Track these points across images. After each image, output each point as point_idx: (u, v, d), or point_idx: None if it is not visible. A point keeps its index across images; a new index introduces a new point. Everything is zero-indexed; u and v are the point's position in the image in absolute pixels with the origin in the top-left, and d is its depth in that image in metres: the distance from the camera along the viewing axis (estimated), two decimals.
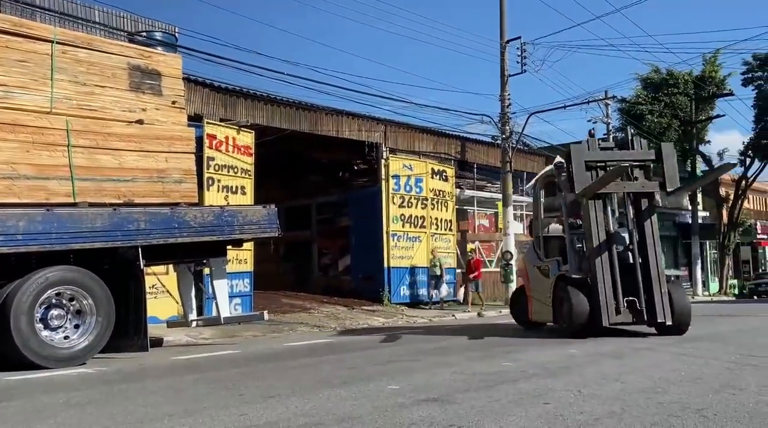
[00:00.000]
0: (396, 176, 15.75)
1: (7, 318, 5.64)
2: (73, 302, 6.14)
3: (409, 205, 16.04)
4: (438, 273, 15.26)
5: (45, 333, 5.90)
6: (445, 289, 15.29)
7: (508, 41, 17.11)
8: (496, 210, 18.68)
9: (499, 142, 17.46)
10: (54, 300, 6.01)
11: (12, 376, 5.34)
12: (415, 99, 26.88)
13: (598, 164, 7.94)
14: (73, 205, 6.23)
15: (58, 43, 6.41)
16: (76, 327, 6.15)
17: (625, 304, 7.36)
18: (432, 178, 16.59)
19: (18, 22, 6.48)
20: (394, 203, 15.71)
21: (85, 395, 4.35)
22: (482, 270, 15.50)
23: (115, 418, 3.51)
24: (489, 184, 19.12)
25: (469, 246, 17.79)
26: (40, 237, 5.86)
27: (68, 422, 3.45)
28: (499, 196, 17.60)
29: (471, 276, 15.07)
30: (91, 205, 6.34)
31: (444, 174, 16.98)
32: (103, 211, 6.33)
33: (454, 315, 13.64)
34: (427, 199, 16.42)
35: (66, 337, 6.07)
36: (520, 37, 17.28)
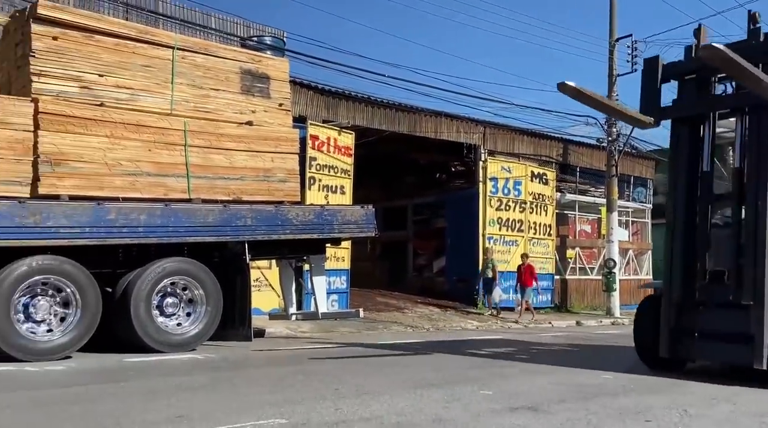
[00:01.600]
0: (494, 178, 15.50)
1: (128, 304, 6.13)
2: (186, 291, 6.57)
3: (507, 208, 15.72)
4: (490, 275, 13.99)
5: (160, 319, 6.36)
6: (498, 294, 13.96)
7: (617, 39, 16.29)
8: (599, 215, 17.86)
9: (604, 144, 16.69)
10: (169, 289, 6.45)
11: (129, 358, 5.80)
12: (515, 100, 26.25)
13: None
14: (188, 201, 6.66)
15: (178, 48, 6.87)
16: (188, 315, 6.58)
17: None
18: (531, 180, 16.17)
19: (144, 29, 7.03)
20: (491, 206, 15.46)
21: (196, 380, 4.64)
22: (571, 277, 14.65)
23: (222, 403, 3.71)
24: (592, 189, 18.32)
25: (520, 250, 16.34)
26: (159, 230, 6.31)
27: (180, 404, 3.69)
28: (603, 200, 16.82)
29: (524, 284, 13.66)
30: (204, 201, 6.74)
31: (544, 177, 16.49)
32: (215, 207, 6.72)
33: (551, 323, 13.22)
34: (525, 203, 16.02)
35: (179, 324, 6.51)
36: (631, 35, 16.40)
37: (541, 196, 16.35)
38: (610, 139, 16.21)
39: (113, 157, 6.21)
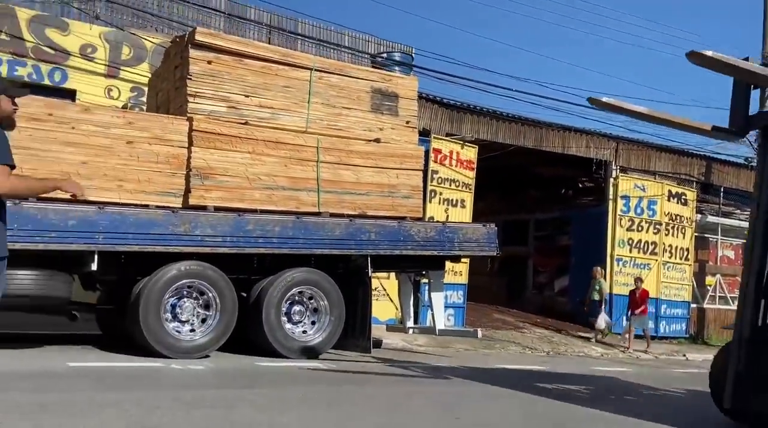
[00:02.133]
0: (625, 197, 14.67)
1: (260, 310, 6.54)
2: (312, 301, 6.90)
3: (639, 228, 14.80)
4: (597, 298, 12.66)
5: (288, 326, 6.72)
6: (603, 320, 12.52)
7: None
8: (744, 240, 16.27)
9: (753, 163, 15.20)
10: (297, 298, 6.81)
11: (259, 361, 6.19)
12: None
13: None
14: (317, 214, 6.98)
15: (315, 70, 7.24)
16: (313, 323, 6.89)
17: None
18: (668, 200, 15.10)
19: (285, 52, 7.49)
20: (621, 226, 14.64)
21: (320, 392, 4.86)
22: (709, 306, 13.29)
23: (343, 423, 3.86)
24: (738, 211, 16.75)
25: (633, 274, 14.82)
26: (290, 242, 6.69)
27: (306, 416, 3.89)
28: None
29: (637, 311, 12.36)
30: (332, 215, 7.04)
31: (683, 197, 15.34)
32: (341, 221, 7.00)
33: (685, 356, 12.25)
34: (660, 224, 15.00)
35: (304, 332, 6.84)
36: None
37: (678, 217, 15.22)
38: None
39: (254, 172, 6.67)
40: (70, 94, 9.88)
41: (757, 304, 4.40)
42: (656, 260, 14.89)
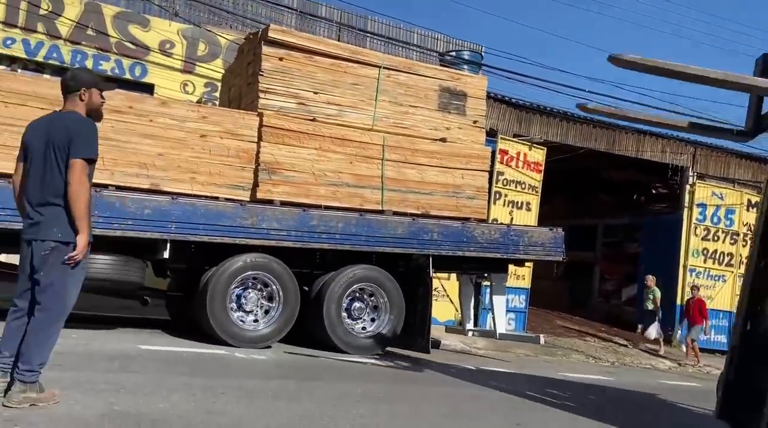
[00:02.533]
0: (702, 205, 13.96)
1: (321, 304, 6.62)
2: (372, 298, 6.92)
3: (716, 238, 14.06)
4: (650, 307, 11.87)
5: (348, 321, 6.76)
6: (655, 330, 11.67)
7: None
8: None
9: None
10: (357, 294, 6.84)
11: (320, 355, 6.26)
12: (732, 119, 23.33)
13: None
14: (380, 212, 6.98)
15: (384, 68, 7.24)
16: (372, 320, 6.91)
17: None
18: (747, 210, 14.25)
19: (355, 50, 7.52)
20: (696, 235, 13.94)
21: (380, 390, 4.86)
22: None
23: (401, 421, 3.84)
24: None
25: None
26: (353, 238, 6.72)
27: (365, 414, 3.90)
28: None
29: (691, 321, 11.52)
30: (395, 213, 7.02)
31: None
32: (404, 219, 6.97)
33: None
34: (738, 234, 14.18)
35: (363, 328, 6.87)
36: None
37: None
38: None
39: (319, 168, 6.74)
40: (149, 88, 10.32)
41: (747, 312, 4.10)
42: (732, 272, 14.10)
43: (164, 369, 4.72)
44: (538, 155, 12.39)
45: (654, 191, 16.32)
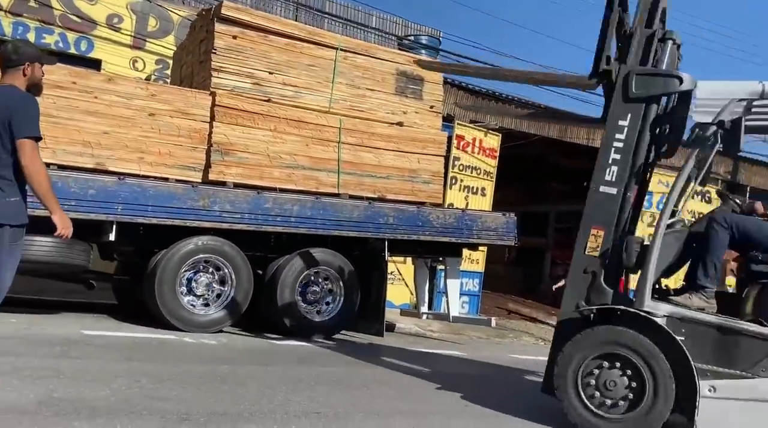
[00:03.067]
0: (649, 193, 14.38)
1: (275, 288, 6.54)
2: (327, 282, 6.87)
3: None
4: None
5: (302, 305, 6.71)
6: None
7: None
8: None
9: None
10: (312, 278, 6.79)
11: (272, 340, 6.20)
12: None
13: None
14: (336, 195, 6.93)
15: (341, 49, 7.14)
16: (327, 304, 6.88)
17: None
18: (693, 198, 14.72)
19: (312, 31, 7.39)
20: (642, 222, 14.28)
21: (334, 373, 4.85)
22: None
23: (356, 403, 3.83)
24: None
25: None
26: (308, 222, 6.65)
27: (319, 399, 3.87)
28: None
29: None
30: (351, 197, 6.98)
31: (707, 195, 15.07)
32: (360, 203, 6.94)
33: None
34: (683, 222, 14.74)
35: (318, 312, 6.83)
36: None
37: (701, 215, 14.95)
38: None
39: (274, 150, 6.62)
40: (96, 64, 9.89)
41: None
42: None
43: (108, 355, 4.58)
44: (494, 141, 12.52)
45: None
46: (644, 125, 4.04)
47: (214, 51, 6.43)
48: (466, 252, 8.57)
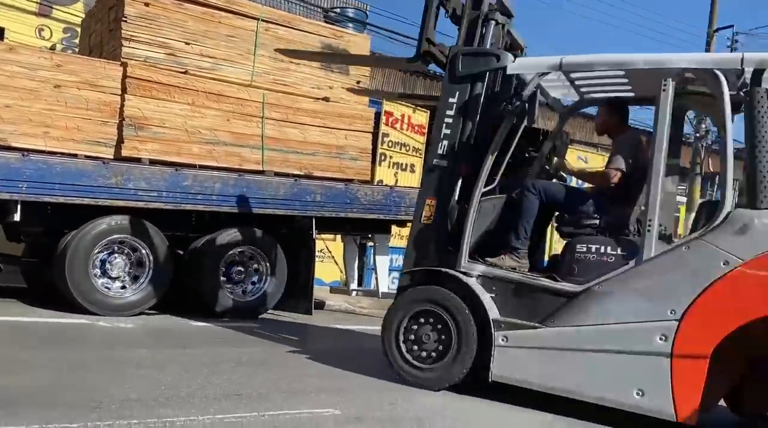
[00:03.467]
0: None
1: (197, 268, 6.34)
2: (252, 261, 6.71)
3: None
4: None
5: (228, 286, 6.54)
6: None
7: (716, 30, 15.20)
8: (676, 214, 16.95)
9: (690, 140, 15.75)
10: (237, 258, 6.61)
11: (195, 322, 6.00)
12: None
13: None
14: (261, 172, 6.74)
15: (263, 20, 6.89)
16: (253, 284, 6.73)
17: None
18: None
19: (230, 0, 7.07)
20: None
21: (257, 353, 4.74)
22: None
23: (278, 384, 3.76)
24: None
25: None
26: (231, 200, 6.45)
27: (239, 380, 3.77)
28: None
29: None
30: (276, 174, 6.81)
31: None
32: (286, 181, 6.79)
33: None
34: None
35: (243, 292, 6.67)
36: (732, 26, 15.29)
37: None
38: (697, 135, 15.32)
39: (193, 125, 6.34)
40: None
41: None
42: None
43: (16, 341, 4.30)
44: (422, 118, 12.56)
45: (527, 155, 17.22)
46: (471, 102, 4.28)
47: (124, 19, 6.05)
48: (395, 228, 8.60)
